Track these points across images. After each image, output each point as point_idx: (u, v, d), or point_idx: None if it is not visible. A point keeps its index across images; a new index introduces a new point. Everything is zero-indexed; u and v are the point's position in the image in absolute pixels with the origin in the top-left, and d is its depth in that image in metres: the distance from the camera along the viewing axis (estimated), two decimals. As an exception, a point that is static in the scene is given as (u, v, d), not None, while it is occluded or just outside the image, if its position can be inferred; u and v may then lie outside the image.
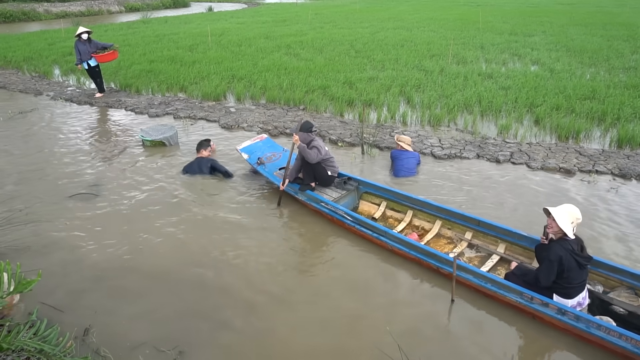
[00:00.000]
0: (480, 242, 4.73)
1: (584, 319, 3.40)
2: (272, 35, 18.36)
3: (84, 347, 3.47)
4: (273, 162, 6.10)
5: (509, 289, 3.74)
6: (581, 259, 3.54)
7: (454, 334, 3.62)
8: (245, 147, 6.27)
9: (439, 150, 7.02)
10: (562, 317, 3.49)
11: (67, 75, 13.30)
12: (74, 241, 4.87)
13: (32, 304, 3.80)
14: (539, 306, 3.61)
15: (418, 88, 10.24)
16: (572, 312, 3.45)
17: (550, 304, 3.54)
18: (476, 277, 3.94)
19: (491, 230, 4.65)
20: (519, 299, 3.69)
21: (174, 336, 3.60)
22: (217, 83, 11.04)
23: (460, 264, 3.99)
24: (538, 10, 28.14)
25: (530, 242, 4.35)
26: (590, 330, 3.37)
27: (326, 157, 5.43)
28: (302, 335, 3.62)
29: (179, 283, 4.24)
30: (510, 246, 4.55)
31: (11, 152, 7.46)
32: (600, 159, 6.58)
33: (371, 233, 4.68)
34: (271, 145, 6.47)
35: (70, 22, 27.35)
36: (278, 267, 4.44)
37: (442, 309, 3.88)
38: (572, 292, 3.59)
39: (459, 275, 3.97)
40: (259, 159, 6.06)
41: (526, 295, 3.65)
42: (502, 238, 4.58)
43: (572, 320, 3.45)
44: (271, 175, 5.83)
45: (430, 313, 3.83)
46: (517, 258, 4.45)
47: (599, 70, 11.60)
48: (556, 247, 3.54)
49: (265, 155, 6.20)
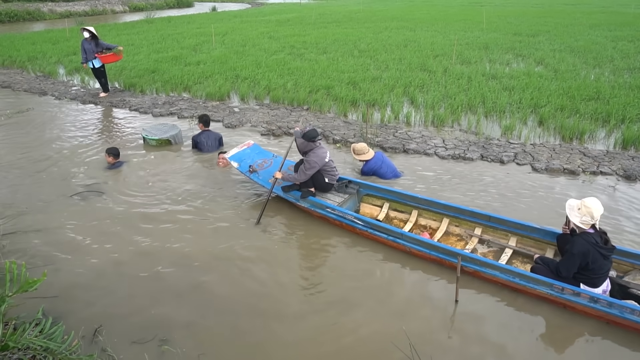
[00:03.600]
0: (490, 236, 4.78)
1: (617, 305, 3.53)
2: (276, 36, 18.39)
3: (91, 345, 3.49)
4: (265, 169, 5.89)
5: (538, 281, 3.84)
6: (605, 250, 3.64)
7: (462, 332, 3.62)
8: (233, 155, 5.97)
9: (442, 151, 7.02)
10: (594, 304, 3.62)
11: (71, 74, 13.35)
12: (78, 240, 4.89)
13: (37, 303, 3.82)
14: (570, 296, 3.72)
15: (422, 88, 10.23)
16: (605, 300, 3.58)
17: (582, 294, 3.66)
18: (503, 273, 4.01)
19: (502, 225, 4.72)
20: (549, 291, 3.80)
21: (183, 337, 3.61)
22: (221, 83, 11.06)
23: (485, 260, 4.08)
24: (542, 11, 28.08)
25: (542, 234, 4.45)
26: (624, 315, 3.50)
27: (326, 165, 5.26)
28: (311, 337, 3.64)
29: (187, 285, 4.25)
30: (522, 239, 4.63)
31: (13, 152, 7.49)
32: (605, 160, 6.56)
33: (386, 236, 4.66)
34: (260, 152, 6.21)
35: (74, 21, 27.45)
36: (284, 271, 4.46)
37: (454, 309, 3.88)
38: (597, 282, 3.72)
39: (483, 271, 4.07)
40: (250, 167, 5.82)
41: (557, 286, 3.75)
42: (513, 231, 4.66)
43: (605, 307, 3.58)
44: (266, 183, 5.67)
45: (439, 312, 3.84)
46: (530, 250, 4.52)
47: (604, 70, 11.56)
48: (579, 241, 3.64)
49: (256, 162, 5.96)
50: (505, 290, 4.04)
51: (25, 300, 3.78)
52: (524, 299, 3.94)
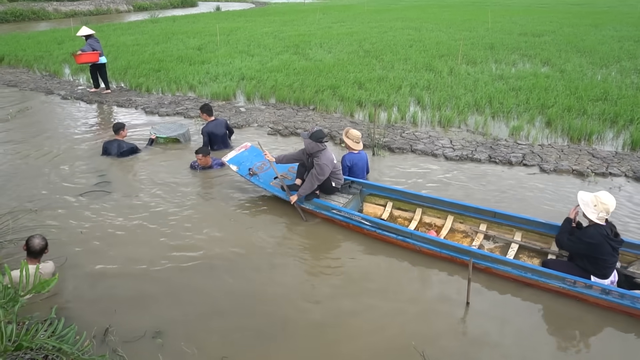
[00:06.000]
0: (495, 232, 4.83)
1: (629, 296, 3.63)
2: (281, 35, 18.38)
3: (102, 345, 3.49)
4: (265, 171, 5.83)
5: (550, 276, 3.92)
6: (614, 242, 3.80)
7: (473, 335, 3.61)
8: (232, 159, 5.88)
9: (450, 152, 6.99)
10: (606, 296, 3.72)
11: (76, 74, 13.38)
12: (88, 240, 4.90)
13: (48, 303, 3.82)
14: (582, 289, 3.80)
15: (428, 88, 10.21)
16: (617, 291, 3.68)
17: (594, 286, 3.75)
18: (515, 269, 4.07)
19: (508, 220, 4.79)
20: (561, 284, 3.88)
21: (199, 337, 3.61)
22: (227, 83, 11.06)
23: (497, 257, 4.15)
24: (547, 11, 27.97)
25: (547, 228, 4.54)
26: (636, 306, 3.61)
27: (333, 168, 5.21)
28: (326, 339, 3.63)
29: (198, 284, 4.25)
30: (527, 233, 4.70)
31: (20, 151, 7.50)
32: (614, 161, 6.52)
33: (395, 236, 4.66)
34: (258, 154, 6.09)
35: (79, 21, 27.46)
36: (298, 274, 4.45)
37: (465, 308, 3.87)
38: (607, 273, 3.85)
39: (495, 268, 4.13)
40: (250, 170, 5.74)
41: (569, 280, 3.84)
42: (518, 226, 4.73)
43: (617, 299, 3.68)
44: (267, 186, 5.64)
45: (450, 312, 3.82)
46: (535, 244, 4.60)
47: (610, 71, 11.51)
48: (592, 232, 3.80)
49: (255, 165, 5.86)
50: (515, 286, 4.07)
51: (35, 299, 3.79)
52: (534, 295, 3.98)
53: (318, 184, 5.13)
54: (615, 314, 3.74)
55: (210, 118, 7.25)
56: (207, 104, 7.31)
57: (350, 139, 5.69)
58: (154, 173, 6.55)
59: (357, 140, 5.71)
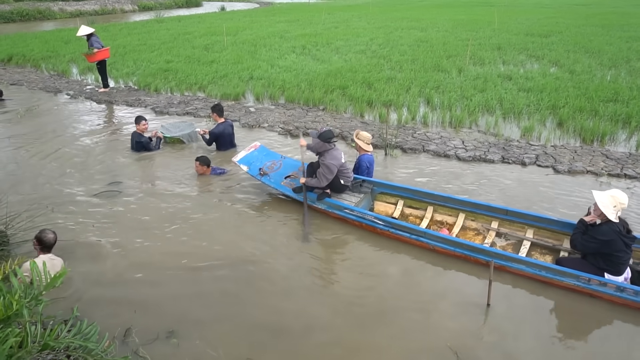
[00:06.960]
0: (507, 229, 4.86)
1: None
2: (287, 36, 18.36)
3: (122, 346, 3.49)
4: (276, 171, 5.83)
5: (565, 274, 3.95)
6: (627, 239, 3.85)
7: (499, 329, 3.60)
8: (242, 159, 5.87)
9: (463, 152, 6.97)
10: (621, 294, 3.76)
11: (84, 73, 13.39)
12: (100, 239, 4.90)
13: (69, 303, 3.82)
14: (597, 286, 3.84)
15: (437, 89, 10.18)
16: (632, 288, 3.71)
17: (609, 283, 3.79)
18: (530, 267, 4.10)
19: (519, 218, 4.82)
20: (576, 282, 3.91)
21: (218, 338, 3.61)
22: (236, 82, 11.06)
23: (513, 255, 4.18)
24: (553, 11, 27.89)
25: (560, 226, 4.58)
26: None
27: (341, 166, 5.22)
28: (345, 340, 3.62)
29: (218, 286, 4.24)
30: (538, 231, 4.73)
31: (29, 150, 7.51)
32: (628, 163, 6.49)
33: (409, 235, 4.67)
34: (267, 154, 6.12)
35: (85, 20, 27.49)
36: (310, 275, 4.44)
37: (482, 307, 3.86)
38: (621, 269, 3.90)
39: (510, 266, 4.15)
40: (260, 170, 5.74)
41: (583, 277, 3.87)
42: (529, 224, 4.76)
43: (632, 296, 3.72)
44: (279, 186, 5.64)
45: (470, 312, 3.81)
46: (547, 242, 4.63)
47: (620, 71, 11.45)
48: (606, 230, 3.84)
49: (266, 164, 5.86)
50: (532, 284, 4.09)
51: (52, 300, 3.79)
52: (552, 293, 4.00)
53: (326, 182, 5.16)
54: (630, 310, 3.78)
55: (220, 119, 7.22)
56: (218, 104, 7.28)
57: (362, 140, 5.74)
58: (167, 173, 6.55)
59: (368, 142, 5.79)
